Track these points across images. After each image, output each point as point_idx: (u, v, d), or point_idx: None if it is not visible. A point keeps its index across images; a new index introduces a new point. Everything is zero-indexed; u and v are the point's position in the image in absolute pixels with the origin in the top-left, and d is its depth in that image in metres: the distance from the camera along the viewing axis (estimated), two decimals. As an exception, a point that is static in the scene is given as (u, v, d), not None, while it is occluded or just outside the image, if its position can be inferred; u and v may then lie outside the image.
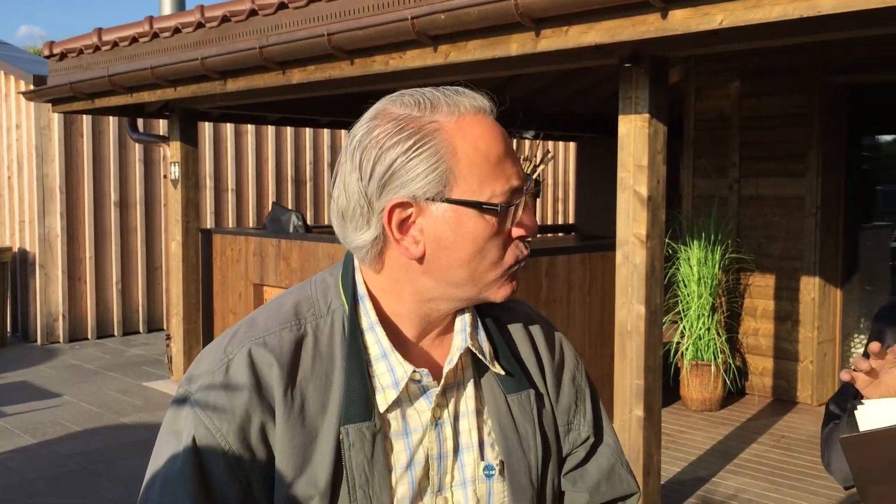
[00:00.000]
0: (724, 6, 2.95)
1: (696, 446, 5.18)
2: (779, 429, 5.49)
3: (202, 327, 6.86)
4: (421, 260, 1.06)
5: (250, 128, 9.76)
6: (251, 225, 9.68)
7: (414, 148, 1.02)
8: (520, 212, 1.07)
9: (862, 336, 6.22)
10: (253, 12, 4.77)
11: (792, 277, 6.04)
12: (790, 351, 6.10)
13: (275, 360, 1.04)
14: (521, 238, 1.08)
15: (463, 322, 1.13)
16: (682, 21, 3.07)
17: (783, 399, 6.12)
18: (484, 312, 1.17)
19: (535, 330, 1.23)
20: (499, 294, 1.09)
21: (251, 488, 1.02)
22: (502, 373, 1.14)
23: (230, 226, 9.57)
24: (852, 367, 1.35)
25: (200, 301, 6.82)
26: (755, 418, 5.76)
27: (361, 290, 1.11)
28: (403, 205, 1.03)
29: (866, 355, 1.40)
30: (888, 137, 6.47)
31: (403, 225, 1.04)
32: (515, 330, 1.20)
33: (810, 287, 5.96)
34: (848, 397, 1.45)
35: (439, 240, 1.04)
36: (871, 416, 1.29)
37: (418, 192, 1.02)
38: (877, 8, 2.62)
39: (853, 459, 1.25)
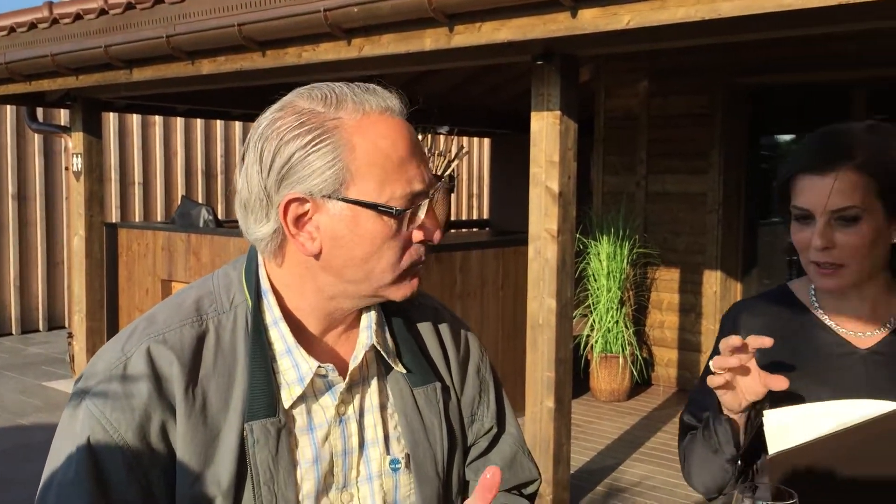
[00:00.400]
0: (631, 7, 3.02)
1: (605, 436, 5.32)
2: (683, 418, 5.68)
3: (107, 325, 6.64)
4: (318, 257, 1.05)
5: (158, 119, 9.49)
6: (159, 219, 9.42)
7: (312, 143, 1.00)
8: (421, 215, 1.05)
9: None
10: (159, 0, 4.64)
11: (695, 271, 6.26)
12: (693, 342, 6.32)
13: (175, 358, 1.02)
14: (421, 242, 1.07)
15: (369, 319, 1.13)
16: (591, 20, 3.14)
17: (687, 389, 6.33)
18: (392, 308, 1.17)
19: (442, 324, 1.24)
20: (398, 293, 1.08)
21: (151, 487, 1.00)
22: (404, 371, 1.14)
23: (137, 220, 9.29)
24: (721, 370, 1.26)
25: (105, 297, 6.61)
26: (661, 408, 5.95)
27: (265, 284, 1.09)
28: (300, 200, 1.02)
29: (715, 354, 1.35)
30: (786, 137, 6.75)
31: (300, 221, 1.03)
32: (423, 324, 1.21)
33: (712, 280, 6.18)
34: (703, 408, 1.41)
35: (335, 238, 1.03)
36: (780, 427, 1.22)
37: (315, 188, 1.01)
38: (774, 12, 2.74)
39: (780, 476, 1.16)
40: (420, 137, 1.14)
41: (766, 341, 1.22)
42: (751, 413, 1.33)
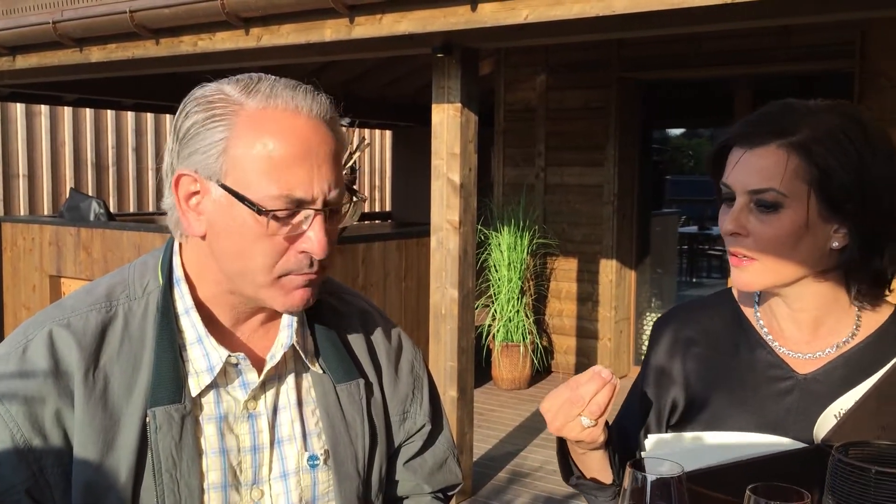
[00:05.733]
0: (528, 2, 3.09)
1: (506, 423, 5.42)
2: (582, 403, 5.84)
3: (-9, 323, 6.32)
4: (205, 240, 1.04)
5: (44, 108, 9.06)
6: (46, 213, 9.02)
7: (209, 120, 1.00)
8: (302, 226, 1.01)
9: (653, 314, 6.74)
10: (46, -17, 4.44)
11: (592, 261, 6.44)
12: (591, 330, 6.50)
13: (75, 343, 1.01)
14: (303, 252, 1.02)
15: (290, 318, 1.12)
16: (490, 14, 3.19)
17: (586, 375, 6.51)
18: (317, 306, 1.15)
19: (371, 322, 1.23)
20: (279, 303, 1.05)
21: (44, 473, 0.99)
22: (321, 371, 1.14)
23: (22, 214, 8.86)
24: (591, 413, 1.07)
25: (-12, 295, 6.29)
26: (561, 394, 6.09)
27: (178, 272, 1.09)
28: (191, 178, 1.02)
29: (644, 371, 1.25)
30: (676, 131, 7.02)
31: (190, 199, 1.03)
32: (349, 323, 1.20)
33: (608, 270, 6.38)
34: (625, 436, 1.27)
35: (213, 224, 1.02)
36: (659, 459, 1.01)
37: (201, 167, 1.01)
38: (665, 9, 2.85)
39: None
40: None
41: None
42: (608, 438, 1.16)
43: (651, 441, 1.20)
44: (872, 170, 1.07)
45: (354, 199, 1.09)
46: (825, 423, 1.10)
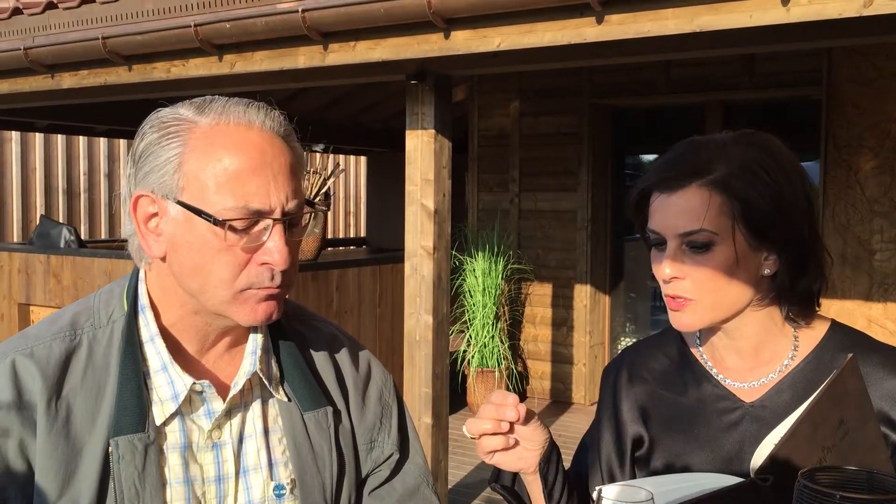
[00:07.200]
0: (501, 30, 3.12)
1: (483, 450, 5.39)
2: (556, 429, 5.84)
3: (-43, 353, 6.20)
4: (165, 261, 1.04)
5: (15, 135, 8.98)
6: (16, 240, 8.90)
7: (162, 139, 1.01)
8: (262, 237, 1.01)
9: (627, 339, 6.77)
10: (17, 10, 4.42)
11: (566, 286, 6.47)
12: (566, 355, 6.51)
13: (38, 372, 1.00)
14: (264, 264, 1.01)
15: (254, 344, 1.11)
16: (463, 42, 3.22)
17: (560, 400, 6.51)
18: (283, 333, 1.15)
19: (340, 349, 1.22)
20: (242, 316, 1.04)
21: (7, 503, 0.98)
22: (286, 399, 1.12)
23: (-9, 241, 8.74)
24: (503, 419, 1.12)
25: (-45, 324, 6.18)
26: (536, 420, 6.08)
27: (143, 300, 1.08)
28: (149, 199, 1.02)
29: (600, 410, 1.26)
30: (649, 157, 7.10)
31: (150, 221, 1.03)
32: (317, 349, 1.19)
33: (583, 295, 6.40)
34: (582, 466, 1.29)
35: (173, 243, 1.02)
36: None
37: (157, 187, 1.01)
38: (635, 38, 2.89)
39: None
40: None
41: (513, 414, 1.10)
42: (546, 469, 1.18)
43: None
44: (787, 195, 1.10)
45: (314, 210, 1.09)
46: (763, 451, 1.09)
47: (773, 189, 1.10)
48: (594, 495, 0.93)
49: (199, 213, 0.99)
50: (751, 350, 1.18)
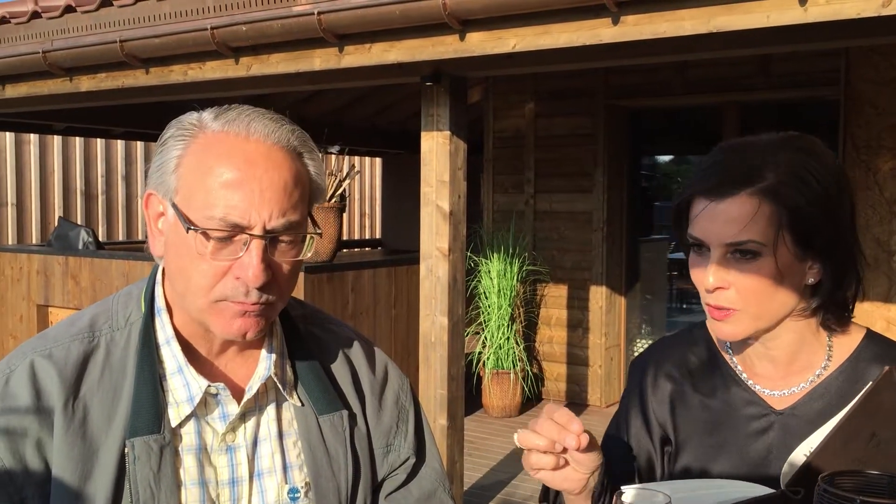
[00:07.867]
0: (516, 31, 3.12)
1: (497, 452, 5.38)
2: (573, 430, 5.82)
3: (-23, 353, 6.27)
4: (164, 261, 1.07)
5: (33, 137, 9.06)
6: (35, 242, 8.98)
7: (170, 139, 1.03)
8: (239, 251, 0.99)
9: (643, 341, 6.74)
10: (36, 14, 4.46)
11: (582, 287, 6.44)
12: (581, 356, 6.49)
13: (56, 373, 1.01)
14: (239, 279, 0.99)
15: (270, 348, 1.11)
16: (478, 43, 3.22)
17: (576, 402, 6.49)
18: (300, 336, 1.15)
19: (356, 353, 1.22)
20: (217, 327, 1.03)
21: (24, 502, 0.99)
22: (299, 403, 1.12)
23: (10, 243, 8.82)
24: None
25: (-25, 325, 6.24)
26: (552, 422, 6.06)
27: (160, 302, 1.09)
28: (156, 198, 1.04)
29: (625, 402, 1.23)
30: (665, 158, 7.07)
31: (159, 220, 1.05)
32: (334, 351, 1.19)
33: (598, 296, 6.38)
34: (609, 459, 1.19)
35: (168, 243, 1.05)
36: None
37: (159, 184, 1.03)
38: (650, 39, 2.88)
39: None
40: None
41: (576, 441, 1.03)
42: (599, 494, 1.11)
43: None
44: (834, 200, 1.08)
45: (311, 234, 1.05)
46: (796, 461, 1.08)
47: (821, 195, 1.07)
48: (615, 496, 0.92)
49: (182, 216, 1.00)
50: (785, 359, 1.16)
